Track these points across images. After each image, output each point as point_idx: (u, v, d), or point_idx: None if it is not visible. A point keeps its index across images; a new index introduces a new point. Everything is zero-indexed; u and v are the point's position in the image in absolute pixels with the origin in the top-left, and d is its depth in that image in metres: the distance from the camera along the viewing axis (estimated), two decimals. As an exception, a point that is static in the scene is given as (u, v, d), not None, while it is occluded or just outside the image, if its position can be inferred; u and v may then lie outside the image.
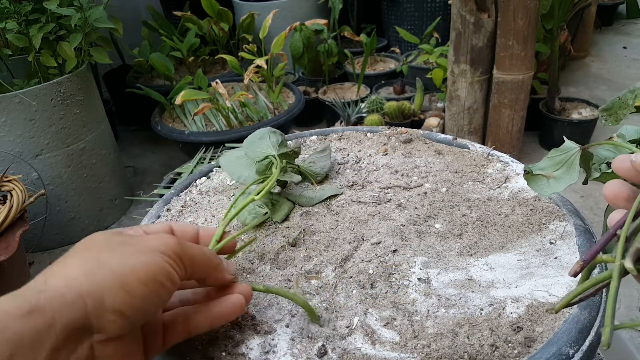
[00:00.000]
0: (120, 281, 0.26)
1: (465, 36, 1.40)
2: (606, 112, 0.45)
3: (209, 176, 0.62)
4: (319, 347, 0.35)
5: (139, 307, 0.27)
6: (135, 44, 2.06)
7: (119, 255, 0.28)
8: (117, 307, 0.26)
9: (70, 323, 0.25)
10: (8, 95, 1.21)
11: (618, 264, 0.27)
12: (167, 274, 0.29)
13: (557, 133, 1.73)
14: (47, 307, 0.24)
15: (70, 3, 1.27)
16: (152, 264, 0.28)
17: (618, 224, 0.30)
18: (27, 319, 0.24)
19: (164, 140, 1.74)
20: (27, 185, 1.30)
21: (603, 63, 2.57)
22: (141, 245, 0.29)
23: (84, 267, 0.27)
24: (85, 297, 0.25)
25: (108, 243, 0.29)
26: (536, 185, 0.43)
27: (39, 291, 0.25)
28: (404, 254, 0.44)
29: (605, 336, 0.25)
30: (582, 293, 0.29)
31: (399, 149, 0.64)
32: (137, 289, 0.27)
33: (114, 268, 0.27)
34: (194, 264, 0.31)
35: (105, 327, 0.26)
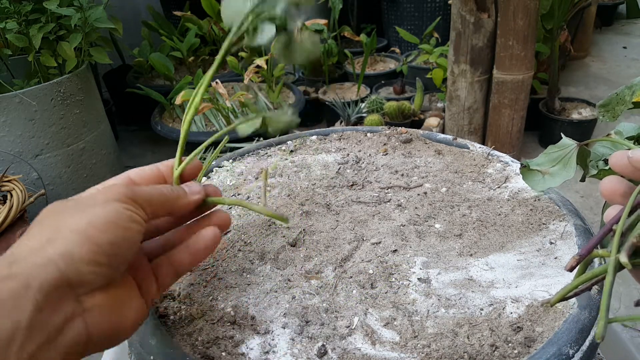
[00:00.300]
0: (82, 236, 0.27)
1: (465, 36, 1.40)
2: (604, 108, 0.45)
3: (209, 176, 0.62)
4: (319, 347, 0.35)
5: (110, 253, 0.28)
6: (135, 44, 2.06)
7: (74, 215, 0.29)
8: (90, 258, 0.27)
9: (47, 283, 0.25)
10: (8, 95, 1.21)
11: (613, 258, 0.27)
12: (128, 217, 0.30)
13: (557, 133, 1.73)
14: (19, 273, 0.25)
15: (70, 3, 1.27)
16: (110, 212, 0.29)
17: (614, 219, 0.30)
18: (2, 284, 0.24)
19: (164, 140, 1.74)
20: (27, 185, 1.30)
21: (603, 63, 2.57)
22: (93, 201, 0.30)
23: (45, 234, 0.27)
24: (56, 259, 0.26)
25: (62, 208, 0.30)
26: (531, 181, 0.43)
27: (8, 263, 0.25)
28: (404, 254, 0.44)
29: (600, 329, 0.25)
30: (577, 287, 0.30)
31: (399, 149, 0.64)
32: (102, 237, 0.28)
33: (72, 227, 0.28)
34: (152, 203, 0.32)
35: (84, 279, 0.27)
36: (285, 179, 0.59)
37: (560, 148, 0.42)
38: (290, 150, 0.67)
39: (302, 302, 0.39)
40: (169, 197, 0.34)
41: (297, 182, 0.58)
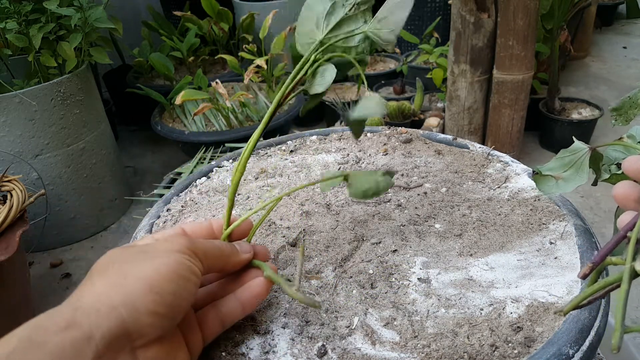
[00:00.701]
0: (147, 285, 0.28)
1: (465, 36, 1.40)
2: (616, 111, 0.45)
3: (209, 176, 0.62)
4: (319, 347, 0.35)
5: (170, 304, 0.28)
6: (135, 44, 2.06)
7: (139, 263, 0.29)
8: (151, 308, 0.27)
9: (108, 333, 0.25)
10: (8, 95, 1.21)
11: (629, 266, 0.27)
12: (187, 268, 0.30)
13: (557, 133, 1.73)
14: (83, 321, 0.25)
15: (70, 3, 1.27)
16: (172, 263, 0.30)
17: (628, 225, 0.29)
18: (66, 333, 0.24)
19: (164, 140, 1.74)
20: (27, 185, 1.30)
21: (603, 63, 2.57)
22: (156, 250, 0.31)
23: (110, 281, 0.28)
24: (120, 308, 0.26)
25: (126, 255, 0.31)
26: (545, 186, 0.43)
27: (74, 309, 0.26)
28: (404, 254, 0.44)
29: (615, 340, 0.25)
30: (591, 295, 0.29)
31: (399, 149, 0.64)
32: (165, 287, 0.28)
33: (137, 275, 0.28)
34: (208, 256, 0.33)
35: (143, 330, 0.27)
36: (285, 179, 0.59)
37: (572, 152, 0.41)
38: (290, 150, 0.67)
39: (302, 302, 0.39)
40: (224, 253, 0.35)
41: (297, 182, 0.58)
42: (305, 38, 0.40)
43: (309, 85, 0.40)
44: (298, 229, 0.48)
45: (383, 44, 0.40)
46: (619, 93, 2.20)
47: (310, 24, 0.39)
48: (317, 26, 0.39)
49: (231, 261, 0.35)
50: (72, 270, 1.37)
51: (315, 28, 0.39)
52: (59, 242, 1.47)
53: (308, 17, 0.40)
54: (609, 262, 0.29)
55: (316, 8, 0.39)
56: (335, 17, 0.39)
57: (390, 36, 0.39)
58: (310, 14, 0.39)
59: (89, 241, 1.50)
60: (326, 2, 0.39)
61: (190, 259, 0.31)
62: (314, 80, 0.40)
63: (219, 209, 0.54)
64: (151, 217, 0.53)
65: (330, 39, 0.39)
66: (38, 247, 1.43)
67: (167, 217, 0.54)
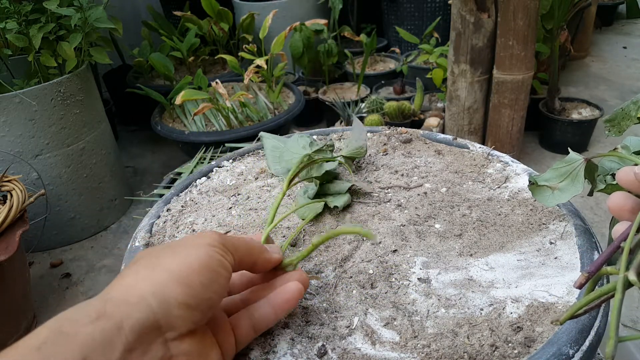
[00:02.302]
0: (177, 276, 0.28)
1: (465, 36, 1.40)
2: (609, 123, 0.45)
3: (209, 176, 0.62)
4: (319, 347, 0.35)
5: (200, 296, 0.28)
6: (135, 44, 2.06)
7: (169, 256, 0.29)
8: (181, 300, 0.27)
9: (138, 324, 0.25)
10: (8, 95, 1.21)
11: (622, 276, 0.27)
12: (218, 261, 0.30)
13: (557, 133, 1.73)
14: (113, 312, 0.25)
15: (70, 3, 1.27)
16: (203, 255, 0.30)
17: (622, 236, 0.30)
18: (96, 324, 0.24)
19: (164, 140, 1.73)
20: (27, 185, 1.30)
21: (603, 63, 2.57)
22: (187, 244, 0.31)
23: (141, 274, 0.28)
24: (149, 299, 0.26)
25: (157, 250, 0.31)
26: (541, 196, 0.43)
27: (104, 301, 0.26)
28: (404, 254, 0.44)
29: (610, 348, 0.25)
30: (587, 305, 0.29)
31: (399, 149, 0.64)
32: (195, 279, 0.28)
33: (168, 267, 0.28)
34: (238, 250, 0.33)
35: (174, 323, 0.27)
36: (285, 179, 0.59)
37: (567, 163, 0.42)
38: (290, 150, 0.67)
39: (302, 302, 0.39)
40: (254, 249, 0.35)
41: (297, 182, 0.58)
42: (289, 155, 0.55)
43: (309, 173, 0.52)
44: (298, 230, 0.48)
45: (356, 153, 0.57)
46: (618, 93, 2.20)
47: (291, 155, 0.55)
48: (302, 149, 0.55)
49: (261, 258, 0.35)
50: (72, 270, 1.37)
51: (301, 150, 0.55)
52: (59, 242, 1.47)
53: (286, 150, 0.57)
54: (604, 271, 0.29)
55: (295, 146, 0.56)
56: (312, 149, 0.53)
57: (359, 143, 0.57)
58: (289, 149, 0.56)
59: (89, 241, 1.50)
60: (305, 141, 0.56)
61: (221, 252, 0.31)
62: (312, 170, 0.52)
63: (219, 209, 0.54)
64: (151, 217, 0.53)
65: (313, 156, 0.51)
66: (38, 247, 1.43)
67: (167, 217, 0.54)
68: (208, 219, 0.52)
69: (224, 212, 0.53)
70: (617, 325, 0.26)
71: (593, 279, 0.30)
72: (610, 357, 0.25)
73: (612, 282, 0.29)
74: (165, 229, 0.51)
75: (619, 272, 0.27)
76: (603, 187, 0.42)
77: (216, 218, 0.52)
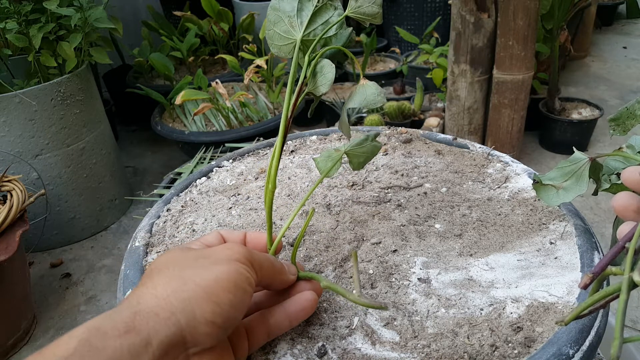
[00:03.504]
0: (207, 293, 0.28)
1: (465, 36, 1.40)
2: (614, 122, 0.45)
3: (209, 176, 0.62)
4: (319, 347, 0.35)
5: (227, 315, 0.28)
6: (135, 44, 2.06)
7: (199, 268, 0.29)
8: (209, 318, 0.27)
9: (166, 340, 0.26)
10: (8, 95, 1.21)
11: (627, 276, 0.27)
12: (246, 279, 0.30)
13: (557, 133, 1.73)
14: (142, 326, 0.25)
15: (70, 3, 1.27)
16: (233, 272, 0.29)
17: (627, 236, 0.30)
18: (125, 338, 0.24)
19: (164, 140, 1.74)
20: (27, 185, 1.30)
21: (603, 63, 2.57)
22: (216, 257, 0.31)
23: (171, 285, 0.28)
24: (178, 314, 0.26)
25: (186, 259, 0.31)
26: (545, 196, 0.43)
27: (133, 312, 0.26)
28: (404, 254, 0.44)
29: (615, 349, 0.25)
30: (591, 305, 0.29)
31: (399, 149, 0.64)
32: (224, 298, 0.28)
33: (198, 282, 0.28)
34: (262, 269, 0.33)
35: (199, 339, 0.27)
36: (285, 179, 0.59)
37: (572, 162, 0.42)
38: (290, 150, 0.67)
39: (302, 302, 0.39)
40: (276, 269, 0.34)
41: (297, 182, 0.58)
42: (281, 40, 0.40)
43: (313, 86, 0.40)
44: (298, 229, 0.48)
45: (369, 19, 0.40)
46: (619, 93, 2.20)
47: (283, 25, 0.39)
48: (291, 26, 0.39)
49: (280, 279, 0.35)
50: (72, 270, 1.37)
51: (290, 28, 0.39)
52: (59, 242, 1.47)
53: (278, 18, 0.40)
54: (609, 272, 0.29)
55: (284, 8, 0.40)
56: (307, 13, 0.39)
57: (373, 8, 0.40)
58: (280, 15, 0.39)
59: (89, 241, 1.50)
60: (293, 1, 0.39)
61: (248, 270, 0.31)
62: (316, 80, 0.40)
63: (219, 209, 0.54)
64: (151, 217, 0.53)
65: (310, 34, 0.39)
66: (38, 247, 1.43)
67: (167, 217, 0.54)
68: (208, 219, 0.52)
69: (224, 212, 0.53)
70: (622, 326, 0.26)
71: (598, 279, 0.30)
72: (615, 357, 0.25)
73: (617, 282, 0.29)
74: (165, 229, 0.51)
75: (624, 273, 0.27)
76: (608, 187, 0.42)
77: (216, 218, 0.52)
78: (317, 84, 0.40)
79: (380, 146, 0.43)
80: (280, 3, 0.40)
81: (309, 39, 0.40)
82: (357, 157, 0.42)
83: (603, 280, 0.31)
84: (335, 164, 0.40)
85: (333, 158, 0.41)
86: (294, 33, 0.40)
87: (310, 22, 0.39)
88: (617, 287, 0.28)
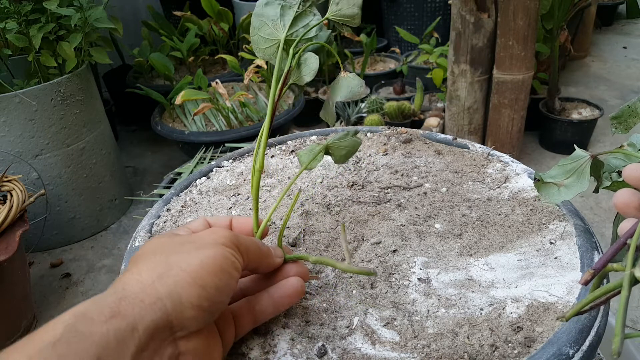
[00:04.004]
0: (192, 277, 0.28)
1: (465, 36, 1.40)
2: (616, 120, 0.45)
3: (209, 176, 0.62)
4: (319, 347, 0.35)
5: (213, 298, 0.28)
6: (135, 44, 2.06)
7: (185, 253, 0.29)
8: (195, 302, 0.27)
9: (152, 324, 0.26)
10: (8, 95, 1.21)
11: (628, 272, 0.27)
12: (232, 263, 0.30)
13: (557, 133, 1.73)
14: (128, 312, 0.25)
15: (70, 3, 1.27)
16: (218, 256, 0.30)
17: (628, 232, 0.30)
18: (110, 323, 0.25)
19: (164, 140, 1.74)
20: (27, 185, 1.30)
21: (603, 63, 2.57)
22: (202, 241, 0.31)
23: (156, 271, 0.28)
24: (164, 299, 0.27)
25: (171, 244, 0.31)
26: (547, 193, 0.43)
27: (119, 298, 0.26)
28: (404, 254, 0.44)
29: (616, 345, 0.25)
30: (592, 301, 0.29)
31: (399, 149, 0.64)
32: (210, 282, 0.28)
33: (184, 267, 0.28)
34: (249, 253, 0.33)
35: (185, 323, 0.27)
36: (285, 179, 0.59)
37: (573, 160, 0.42)
38: (290, 150, 0.67)
39: (302, 302, 0.39)
40: (262, 253, 0.35)
41: (297, 182, 0.58)
42: (265, 43, 0.44)
43: (298, 76, 0.43)
44: (298, 229, 0.48)
45: (348, 20, 0.44)
46: (619, 93, 2.20)
47: (267, 29, 0.44)
48: (275, 28, 0.44)
49: (266, 262, 0.35)
50: (72, 270, 1.37)
51: (274, 30, 0.44)
52: (59, 242, 1.47)
53: (262, 23, 0.44)
54: (610, 268, 0.29)
55: (268, 13, 0.44)
56: (288, 18, 0.44)
57: (353, 10, 0.44)
58: (263, 20, 0.44)
59: (89, 241, 1.50)
60: (276, 7, 0.44)
61: (234, 254, 0.31)
62: (300, 70, 0.43)
63: (219, 209, 0.54)
64: (151, 217, 0.53)
65: (292, 34, 0.43)
66: (38, 247, 1.43)
67: (167, 217, 0.54)
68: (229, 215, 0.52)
69: (224, 212, 0.53)
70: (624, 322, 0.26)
71: (599, 275, 0.30)
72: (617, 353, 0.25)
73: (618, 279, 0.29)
74: (165, 229, 0.51)
75: (626, 269, 0.27)
76: (609, 185, 0.42)
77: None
78: (301, 74, 0.43)
79: (360, 142, 0.45)
80: (263, 9, 0.44)
81: (291, 39, 0.44)
82: (339, 150, 0.44)
83: (604, 277, 0.31)
84: (316, 156, 0.43)
85: (315, 151, 0.43)
86: (278, 34, 0.43)
87: (292, 25, 0.43)
88: (618, 283, 0.28)
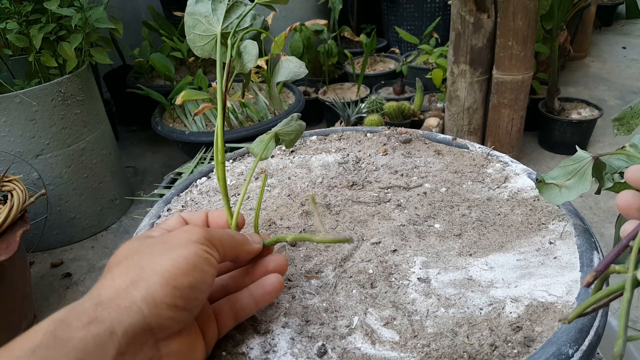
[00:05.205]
0: (165, 278, 0.28)
1: (464, 36, 1.40)
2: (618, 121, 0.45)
3: (209, 176, 0.62)
4: (319, 347, 0.35)
5: (188, 297, 0.29)
6: (136, 44, 2.06)
7: (157, 256, 0.29)
8: (169, 302, 0.28)
9: (130, 328, 0.26)
10: (9, 96, 1.21)
11: (631, 275, 0.27)
12: (205, 259, 0.30)
13: (556, 133, 1.73)
14: (105, 317, 0.25)
15: (71, 3, 1.28)
16: (190, 254, 0.30)
17: (630, 235, 0.30)
18: (88, 329, 0.25)
19: (164, 140, 1.74)
20: (28, 185, 1.30)
21: (603, 63, 2.57)
22: (174, 241, 0.31)
23: (129, 275, 0.28)
24: (139, 303, 0.27)
25: (143, 247, 0.31)
26: (549, 194, 0.43)
27: (95, 304, 0.26)
28: (403, 254, 0.44)
29: (618, 347, 0.25)
30: (595, 303, 0.29)
31: (398, 149, 0.64)
32: (183, 281, 0.28)
33: (156, 269, 0.28)
34: (224, 245, 0.33)
35: (164, 324, 0.27)
36: (285, 179, 0.59)
37: (575, 161, 0.42)
38: (290, 150, 0.67)
39: (302, 302, 0.40)
40: (238, 242, 0.35)
41: (297, 182, 0.58)
42: (202, 40, 0.45)
43: (241, 66, 0.44)
44: (298, 229, 0.49)
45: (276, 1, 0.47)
46: (618, 93, 2.20)
47: (202, 26, 0.44)
48: (209, 24, 0.44)
49: (244, 250, 0.36)
50: (73, 270, 1.38)
51: (209, 26, 0.44)
52: (60, 242, 1.47)
53: (195, 21, 0.44)
54: (612, 270, 0.29)
55: (200, 10, 0.44)
56: (221, 12, 0.44)
57: None
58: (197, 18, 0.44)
59: (89, 241, 1.50)
60: (207, 4, 0.44)
61: (208, 250, 0.31)
62: (242, 59, 0.44)
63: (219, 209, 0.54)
64: (151, 217, 0.53)
65: (228, 27, 0.44)
66: (39, 247, 1.43)
67: (168, 217, 0.54)
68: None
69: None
70: (626, 325, 0.26)
71: (601, 277, 0.30)
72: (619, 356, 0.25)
73: (618, 281, 0.29)
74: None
75: (628, 272, 0.27)
76: (611, 186, 0.42)
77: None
78: (243, 62, 0.44)
79: (304, 125, 0.46)
80: (195, 7, 0.44)
81: (227, 32, 0.44)
82: (287, 135, 0.46)
83: (606, 279, 0.31)
84: (267, 145, 0.44)
85: (265, 140, 0.44)
86: (213, 29, 0.44)
87: (226, 17, 0.44)
88: (620, 285, 0.28)
